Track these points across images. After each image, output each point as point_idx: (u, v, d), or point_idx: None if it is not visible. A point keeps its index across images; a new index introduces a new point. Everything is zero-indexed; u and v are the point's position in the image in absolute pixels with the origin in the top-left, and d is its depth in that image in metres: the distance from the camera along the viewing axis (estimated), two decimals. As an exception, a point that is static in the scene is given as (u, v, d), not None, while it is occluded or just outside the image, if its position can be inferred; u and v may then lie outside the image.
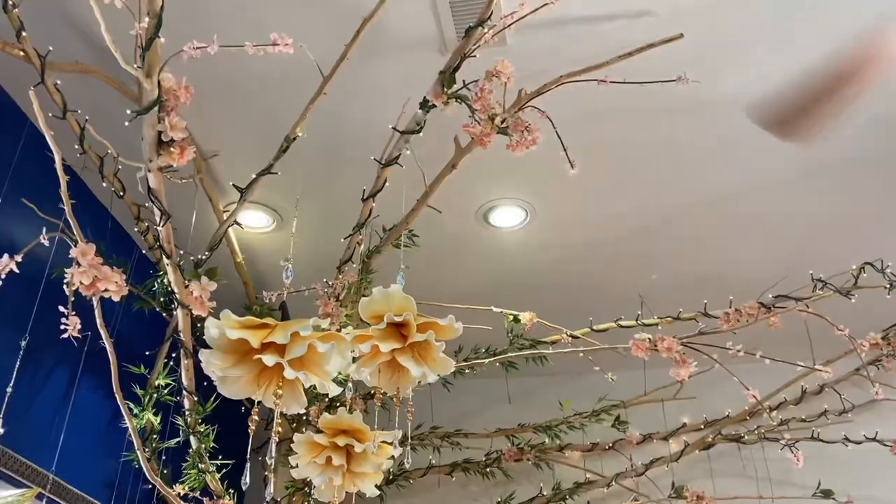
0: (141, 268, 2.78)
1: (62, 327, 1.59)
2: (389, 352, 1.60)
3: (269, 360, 1.34)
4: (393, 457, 1.86)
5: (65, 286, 1.48)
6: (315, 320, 1.33)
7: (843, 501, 3.05)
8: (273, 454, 1.41)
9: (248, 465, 1.48)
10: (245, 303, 3.11)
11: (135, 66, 1.45)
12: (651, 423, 3.59)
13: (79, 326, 1.57)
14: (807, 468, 3.30)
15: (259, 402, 1.52)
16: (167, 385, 2.58)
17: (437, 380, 1.67)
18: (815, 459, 3.23)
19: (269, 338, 1.36)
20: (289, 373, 1.34)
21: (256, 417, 1.48)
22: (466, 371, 3.18)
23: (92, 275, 1.56)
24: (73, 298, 1.50)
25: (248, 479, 1.43)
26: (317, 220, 2.99)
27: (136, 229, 2.55)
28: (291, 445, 1.84)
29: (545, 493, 3.34)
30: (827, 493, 3.04)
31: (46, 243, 1.58)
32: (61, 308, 1.59)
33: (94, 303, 1.67)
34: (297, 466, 1.85)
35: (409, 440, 1.75)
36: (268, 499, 1.43)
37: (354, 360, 1.63)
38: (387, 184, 2.29)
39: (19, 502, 1.61)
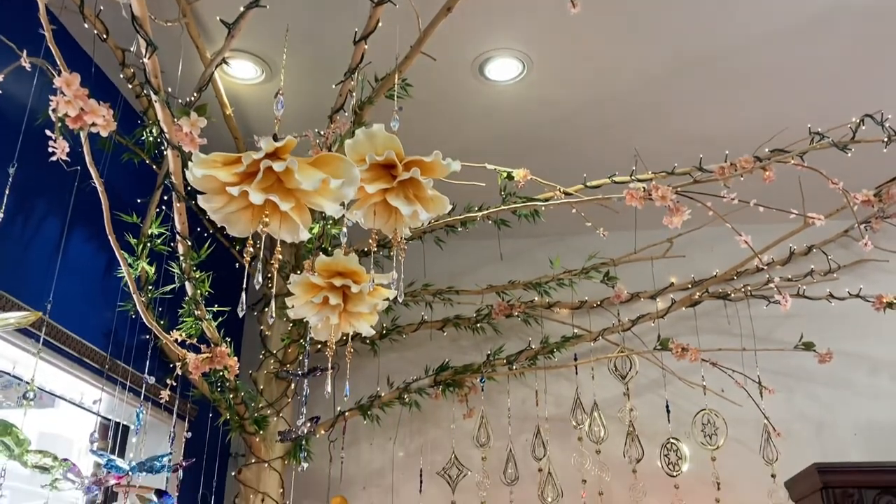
0: (126, 121, 2.72)
1: (51, 159, 1.55)
2: (379, 192, 1.59)
3: (234, 190, 1.34)
4: (388, 299, 1.88)
5: (51, 113, 1.43)
6: (267, 140, 1.30)
7: (823, 353, 3.14)
8: (262, 278, 1.42)
9: (244, 294, 1.49)
10: (236, 157, 3.08)
11: None
12: (640, 283, 3.65)
13: (67, 150, 1.53)
14: (790, 325, 3.40)
15: (255, 238, 1.52)
16: (160, 234, 2.57)
17: (430, 218, 1.66)
18: (798, 317, 3.33)
19: (235, 169, 1.34)
20: (255, 197, 1.33)
21: (251, 249, 1.48)
22: (459, 228, 3.20)
23: (78, 106, 1.51)
24: (59, 124, 1.45)
25: (244, 306, 1.44)
26: (306, 68, 2.90)
27: (121, 76, 2.48)
28: (288, 286, 1.85)
29: (533, 347, 3.42)
30: (808, 346, 3.12)
31: (28, 67, 1.51)
32: (48, 133, 1.54)
33: (82, 139, 1.63)
34: (293, 307, 1.87)
35: (401, 281, 1.76)
36: (270, 322, 1.44)
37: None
38: (380, 24, 2.21)
39: (20, 323, 1.63)
